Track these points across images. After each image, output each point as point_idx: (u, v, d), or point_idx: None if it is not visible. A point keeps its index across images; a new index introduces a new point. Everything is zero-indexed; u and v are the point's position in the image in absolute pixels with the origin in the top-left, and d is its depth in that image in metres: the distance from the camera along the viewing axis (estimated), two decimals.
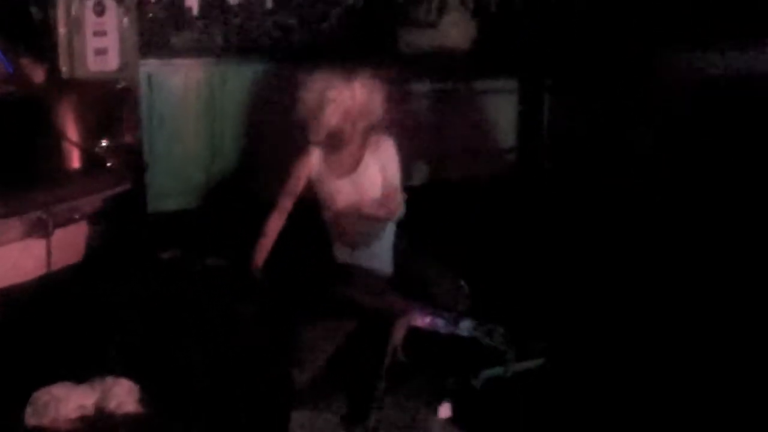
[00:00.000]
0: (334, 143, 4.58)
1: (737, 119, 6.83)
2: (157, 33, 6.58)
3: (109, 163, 5.17)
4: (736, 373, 4.41)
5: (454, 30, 7.34)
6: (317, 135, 4.57)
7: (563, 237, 6.16)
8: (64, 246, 4.64)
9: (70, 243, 4.74)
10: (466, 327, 4.37)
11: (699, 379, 4.36)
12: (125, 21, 5.58)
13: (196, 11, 6.80)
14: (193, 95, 6.41)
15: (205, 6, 6.82)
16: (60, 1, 5.34)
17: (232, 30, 6.88)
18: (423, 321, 4.35)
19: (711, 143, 6.83)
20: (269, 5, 7.06)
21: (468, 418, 4.08)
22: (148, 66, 6.13)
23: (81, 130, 5.12)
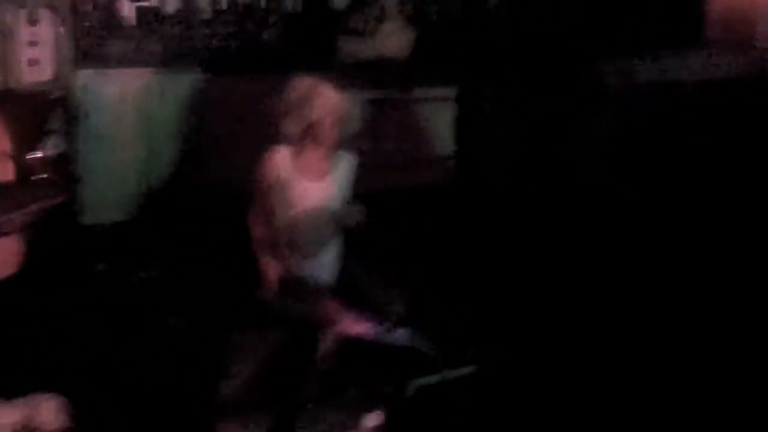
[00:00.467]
0: (308, 139, 4.59)
1: (671, 122, 6.97)
2: (93, 42, 6.50)
3: (43, 175, 5.12)
4: (674, 374, 4.47)
5: (392, 39, 7.35)
6: (296, 127, 4.57)
7: (501, 244, 6.20)
8: None
9: (2, 256, 4.68)
10: (401, 335, 4.38)
11: (634, 383, 4.41)
12: (59, 31, 5.53)
13: (132, 20, 6.74)
14: (130, 105, 6.35)
15: (142, 15, 6.76)
16: None
17: (169, 39, 6.82)
18: (359, 329, 4.36)
19: (647, 147, 6.95)
20: (207, 14, 7.02)
21: (399, 426, 4.09)
22: (83, 76, 6.07)
23: (14, 141, 5.06)
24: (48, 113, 5.42)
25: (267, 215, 4.64)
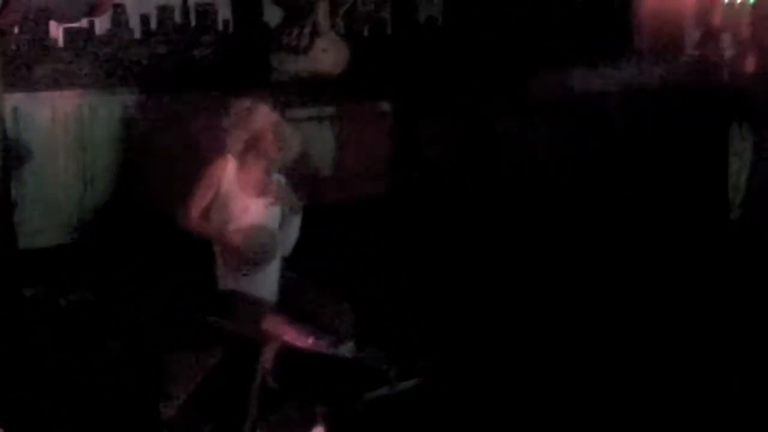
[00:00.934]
0: (251, 152, 4.57)
1: (603, 130, 7.08)
2: (22, 65, 6.41)
3: None
4: (623, 383, 4.51)
5: (326, 55, 7.36)
6: (238, 140, 4.57)
7: (440, 256, 6.22)
8: None
9: None
10: (348, 348, 4.37)
11: (585, 392, 4.44)
12: None
13: (61, 42, 6.65)
14: (62, 128, 6.26)
15: (71, 36, 6.68)
16: None
17: (99, 60, 6.74)
18: (305, 343, 4.33)
19: (581, 154, 7.04)
20: (137, 34, 6.95)
21: None
22: (13, 99, 5.98)
23: None
24: None
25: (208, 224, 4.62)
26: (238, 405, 4.04)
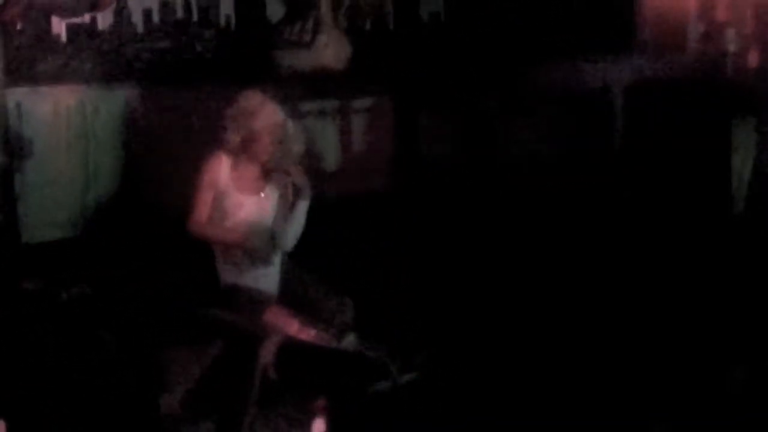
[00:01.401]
0: (247, 151, 4.56)
1: (606, 125, 7.08)
2: (25, 60, 6.42)
3: None
4: (619, 382, 4.51)
5: (328, 49, 7.34)
6: (236, 136, 4.55)
7: (442, 250, 6.21)
8: None
9: None
10: (350, 342, 4.37)
11: (581, 389, 4.44)
12: None
13: (64, 37, 6.66)
14: (64, 122, 6.26)
15: (74, 32, 6.69)
16: None
17: (102, 55, 6.75)
18: (307, 336, 4.33)
19: (583, 150, 7.04)
20: (140, 29, 6.97)
21: None
22: (16, 94, 5.99)
23: None
24: None
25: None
26: (238, 398, 4.04)
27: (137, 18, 7.01)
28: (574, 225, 6.41)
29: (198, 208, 4.57)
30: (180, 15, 7.20)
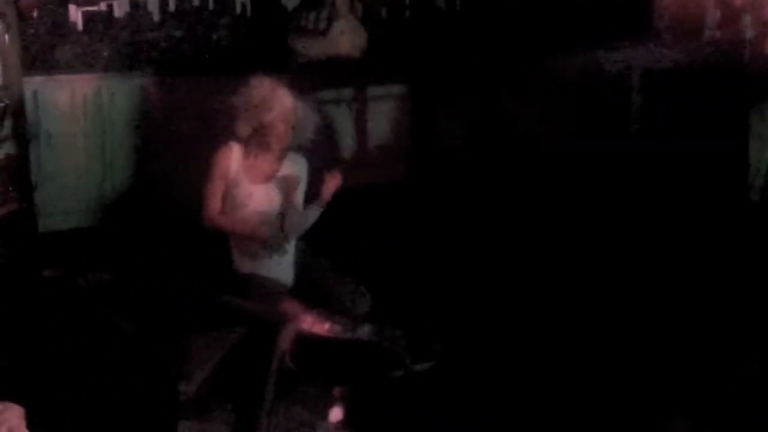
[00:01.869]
0: (258, 141, 4.56)
1: (623, 113, 7.06)
2: (41, 48, 6.45)
3: None
4: (631, 373, 4.50)
5: (344, 37, 7.33)
6: (246, 128, 4.55)
7: (459, 240, 6.22)
8: None
9: None
10: (365, 331, 4.37)
11: (595, 379, 4.43)
12: (6, 38, 5.45)
13: (80, 25, 6.68)
14: (81, 111, 6.29)
15: (90, 20, 6.71)
16: None
17: (118, 43, 6.77)
18: (322, 327, 4.34)
19: (599, 140, 7.03)
20: (156, 17, 6.98)
21: (360, 421, 4.07)
22: (32, 82, 6.02)
23: None
24: None
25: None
26: (256, 386, 4.06)
27: (153, 6, 7.02)
28: (590, 212, 6.40)
29: (211, 200, 4.59)
30: (196, 3, 7.21)
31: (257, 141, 4.59)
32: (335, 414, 4.12)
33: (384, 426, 4.07)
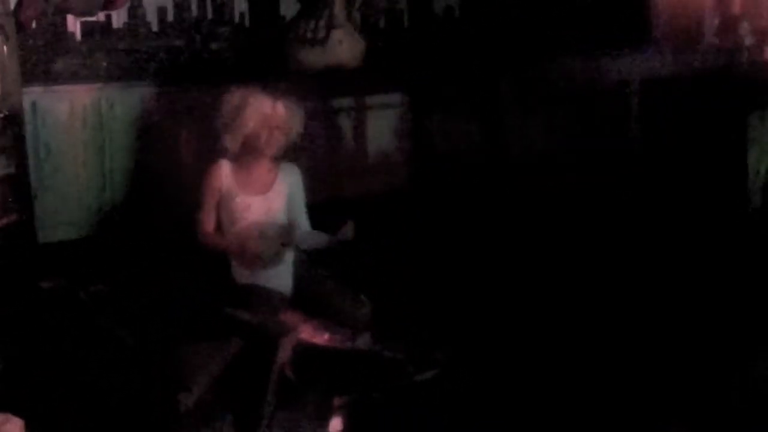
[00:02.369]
0: (248, 152, 4.56)
1: (622, 122, 7.06)
2: (40, 59, 6.45)
3: None
4: (637, 378, 4.49)
5: (343, 47, 7.33)
6: (234, 141, 4.56)
7: (460, 247, 6.21)
8: None
9: None
10: (365, 341, 4.38)
11: (597, 386, 4.43)
12: (5, 48, 5.43)
13: (79, 36, 6.68)
14: (80, 122, 6.28)
15: (88, 30, 6.71)
16: None
17: (117, 53, 6.77)
18: (322, 337, 4.34)
19: (598, 147, 7.03)
20: (154, 27, 6.99)
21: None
22: (31, 93, 5.99)
23: None
24: None
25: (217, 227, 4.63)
26: (256, 396, 4.06)
27: (152, 16, 7.03)
28: (589, 219, 6.40)
29: (203, 220, 4.60)
30: (195, 12, 7.22)
31: (248, 151, 4.59)
32: (336, 424, 4.12)
33: None
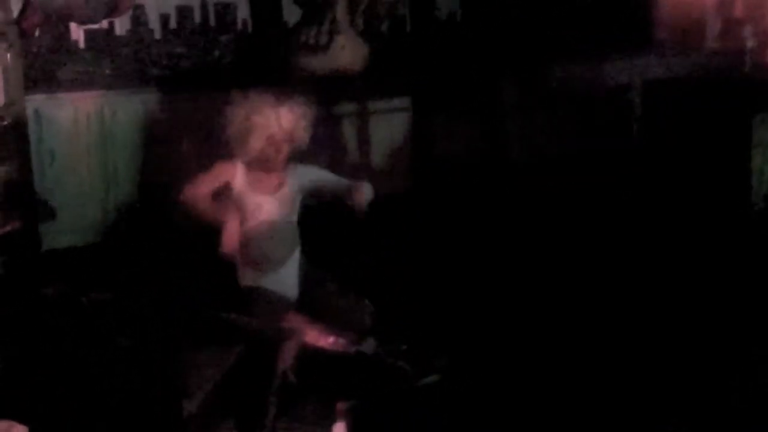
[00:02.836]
0: (259, 166, 4.57)
1: (624, 125, 7.07)
2: (43, 67, 6.48)
3: None
4: (633, 382, 4.49)
5: (345, 52, 7.33)
6: (243, 157, 4.56)
7: (462, 252, 6.21)
8: None
9: None
10: (369, 346, 4.37)
11: (599, 389, 4.42)
12: (8, 56, 5.46)
13: (82, 43, 6.70)
14: (84, 129, 6.30)
15: (92, 37, 6.73)
16: None
17: (120, 61, 6.80)
18: (326, 341, 4.34)
19: (602, 149, 7.03)
20: (157, 34, 7.00)
21: None
22: (35, 101, 6.03)
23: None
24: (1, 140, 5.34)
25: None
26: (258, 401, 4.06)
27: (155, 23, 7.05)
28: (592, 223, 6.40)
29: (201, 181, 4.55)
30: (197, 19, 7.23)
31: (257, 163, 4.59)
32: (338, 429, 4.12)
33: None
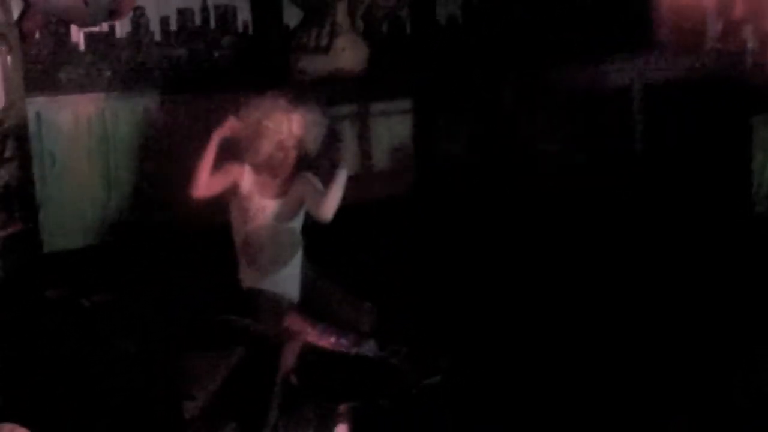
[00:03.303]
0: (267, 169, 4.57)
1: (626, 124, 7.07)
2: (44, 70, 6.47)
3: None
4: (635, 382, 4.49)
5: (346, 54, 7.35)
6: (251, 160, 4.55)
7: (464, 253, 6.21)
8: None
9: None
10: (370, 347, 4.37)
11: (602, 390, 4.42)
12: (9, 59, 5.45)
13: (82, 46, 6.70)
14: (84, 131, 6.30)
15: (92, 40, 6.73)
16: None
17: (120, 63, 6.79)
18: (328, 342, 4.34)
19: (602, 149, 7.03)
20: (158, 37, 7.00)
21: None
22: (35, 104, 6.02)
23: None
24: (1, 142, 5.33)
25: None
26: (260, 403, 4.05)
27: (155, 26, 7.05)
28: (593, 223, 6.40)
29: (209, 173, 4.53)
30: (198, 22, 7.23)
31: (265, 166, 4.59)
32: (340, 431, 4.11)
33: None
